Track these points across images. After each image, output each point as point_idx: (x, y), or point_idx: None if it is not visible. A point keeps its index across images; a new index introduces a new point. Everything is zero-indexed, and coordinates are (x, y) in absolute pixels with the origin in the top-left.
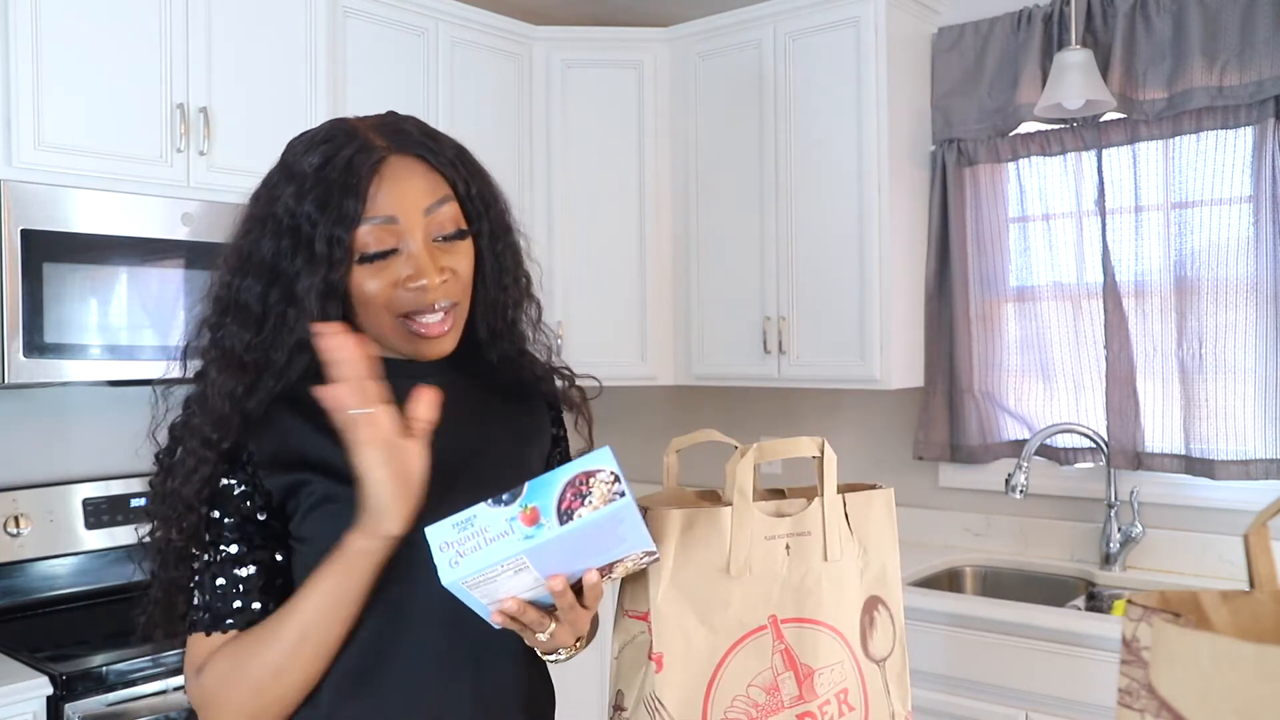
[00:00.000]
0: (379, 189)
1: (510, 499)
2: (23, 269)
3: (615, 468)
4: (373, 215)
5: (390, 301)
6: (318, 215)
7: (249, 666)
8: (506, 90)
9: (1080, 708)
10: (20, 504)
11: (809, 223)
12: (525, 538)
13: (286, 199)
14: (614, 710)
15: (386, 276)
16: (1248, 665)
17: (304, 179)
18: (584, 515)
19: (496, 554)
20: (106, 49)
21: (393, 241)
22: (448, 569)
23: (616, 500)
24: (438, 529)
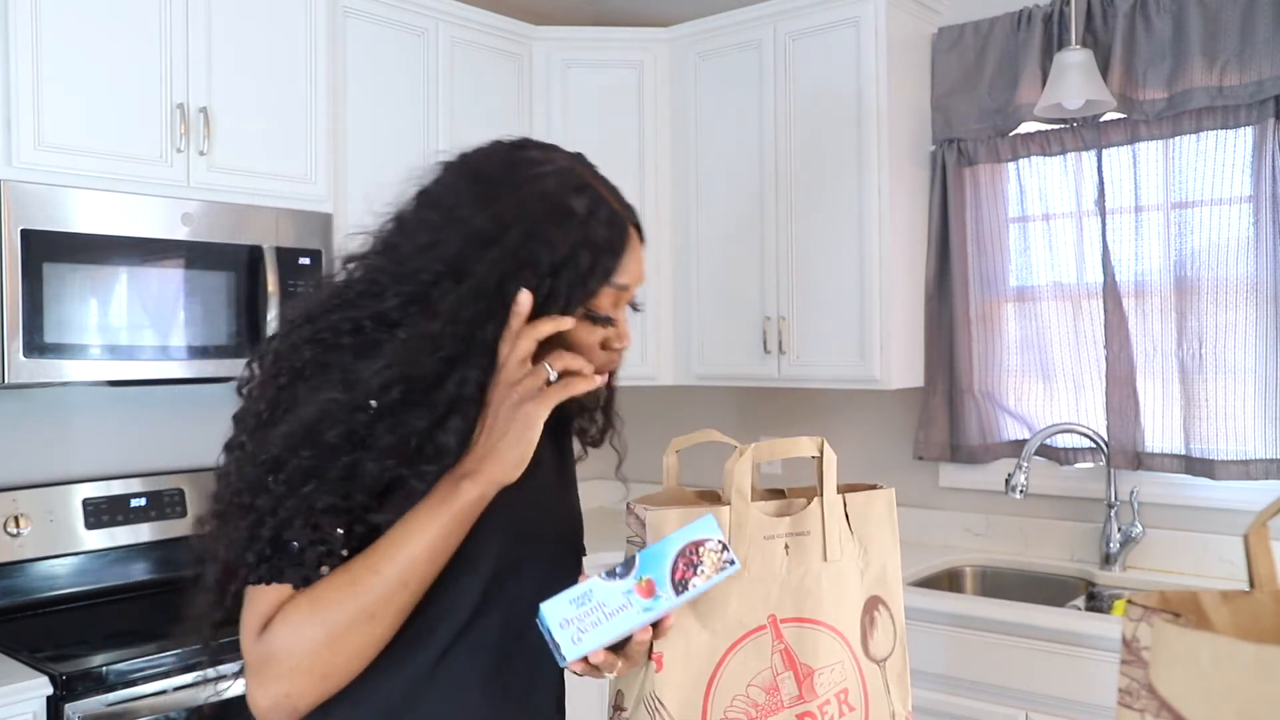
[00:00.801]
0: (629, 258)
1: (624, 571)
2: (23, 269)
3: (722, 535)
4: (621, 282)
5: (589, 359)
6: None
7: (332, 613)
8: (506, 90)
9: (1080, 708)
10: (20, 504)
11: (809, 223)
12: (644, 610)
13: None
14: (614, 710)
15: (598, 335)
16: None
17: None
18: (698, 585)
19: (618, 627)
20: (106, 49)
21: (613, 309)
22: (571, 645)
23: (727, 568)
24: (554, 606)
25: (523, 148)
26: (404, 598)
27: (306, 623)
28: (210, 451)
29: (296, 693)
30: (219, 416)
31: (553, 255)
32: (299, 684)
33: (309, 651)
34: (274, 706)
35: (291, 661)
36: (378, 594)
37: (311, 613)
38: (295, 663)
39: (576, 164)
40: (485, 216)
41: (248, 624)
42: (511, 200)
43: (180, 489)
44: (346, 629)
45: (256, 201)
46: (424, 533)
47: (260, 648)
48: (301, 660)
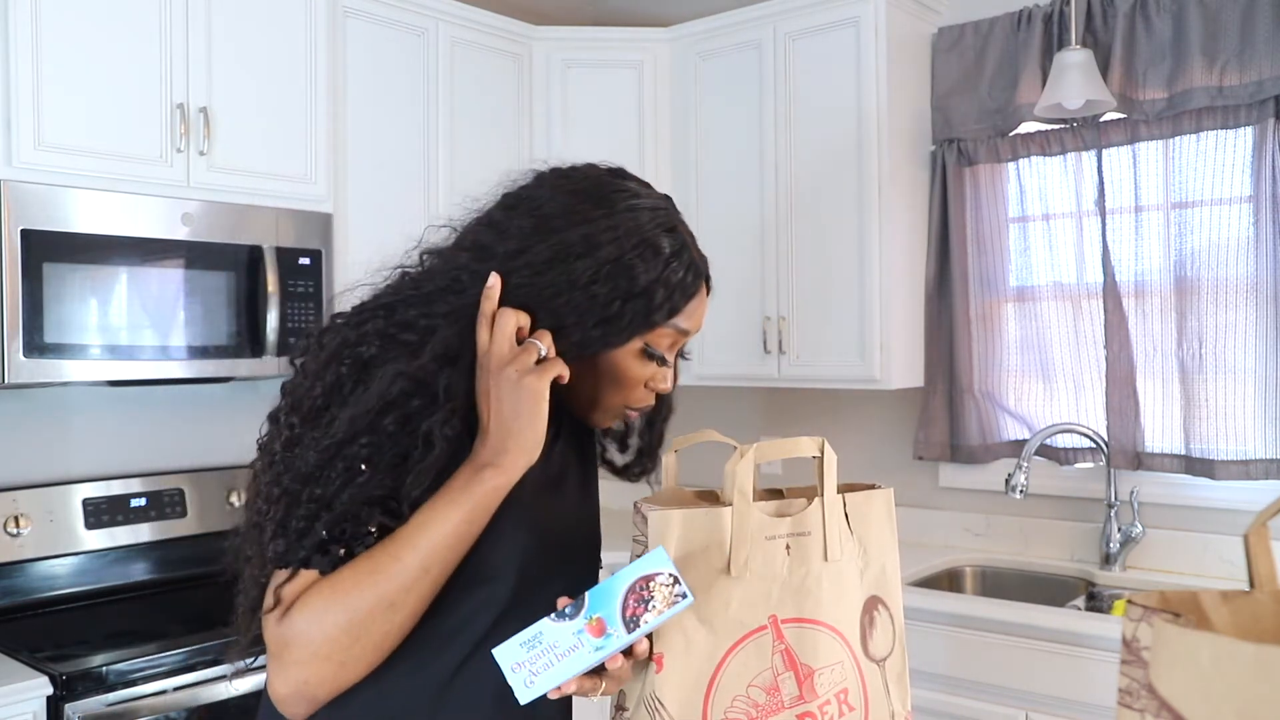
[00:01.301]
0: (696, 304)
1: (573, 612)
2: (23, 269)
3: (673, 569)
4: (683, 326)
5: (630, 392)
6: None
7: (353, 600)
8: (506, 90)
9: (1080, 708)
10: (20, 504)
11: (809, 223)
12: (595, 649)
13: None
14: (615, 710)
15: (646, 371)
16: (1248, 665)
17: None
18: (649, 620)
19: (570, 668)
20: (106, 49)
21: (671, 349)
22: (524, 689)
23: (679, 602)
24: (506, 650)
25: (621, 176)
26: (425, 585)
27: (327, 609)
28: (210, 451)
29: (315, 680)
30: (219, 416)
31: (631, 284)
32: (318, 671)
33: (329, 638)
34: (293, 694)
35: (311, 648)
36: (399, 582)
37: (332, 599)
38: (314, 649)
39: (668, 205)
40: (578, 234)
41: (270, 608)
42: (606, 223)
43: (180, 489)
44: (367, 616)
45: (256, 201)
46: (447, 520)
47: (280, 632)
48: (320, 647)
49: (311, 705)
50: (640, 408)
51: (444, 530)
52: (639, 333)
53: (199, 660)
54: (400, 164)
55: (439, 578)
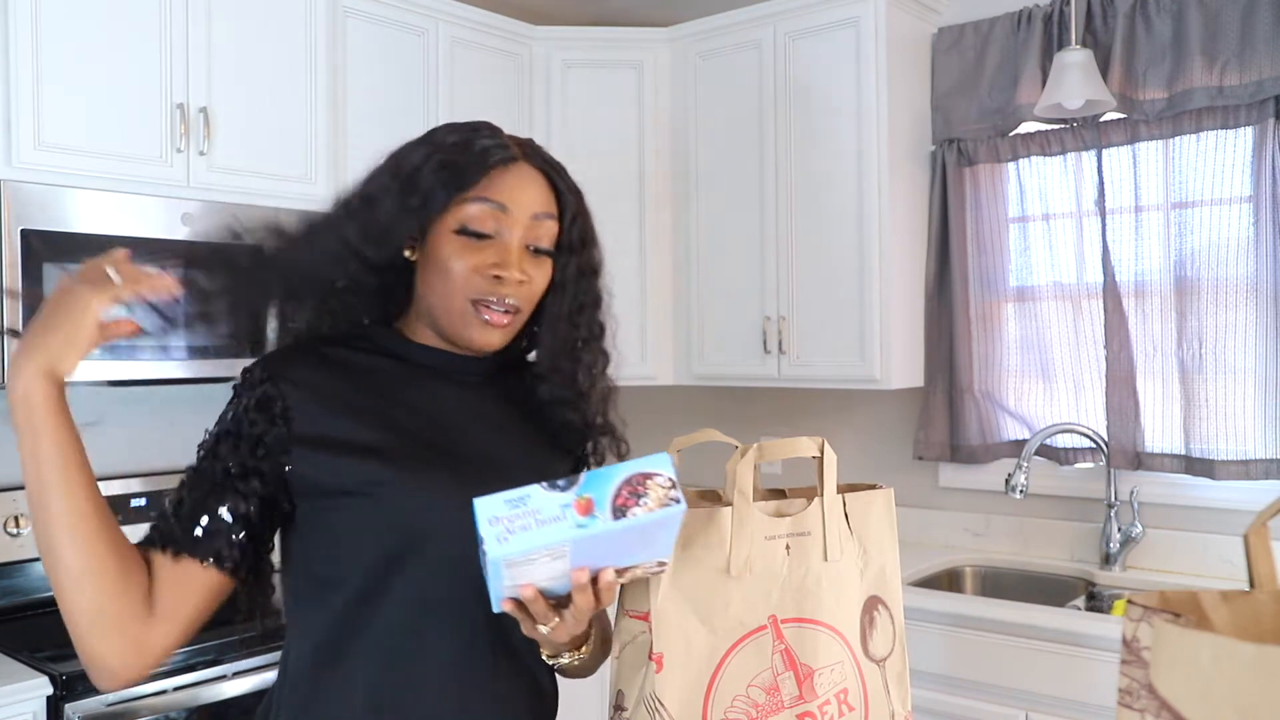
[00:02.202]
0: (503, 179)
1: (566, 485)
2: (23, 269)
3: (673, 474)
4: (488, 197)
5: (466, 283)
6: (432, 172)
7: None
8: (506, 90)
9: (1080, 708)
10: (20, 504)
11: (809, 223)
12: (577, 526)
13: (414, 157)
14: (614, 710)
15: (472, 258)
16: (1248, 665)
17: (438, 147)
18: (637, 515)
19: (546, 537)
20: (106, 49)
21: (493, 227)
22: (496, 544)
23: (671, 505)
24: (488, 502)
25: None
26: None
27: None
28: None
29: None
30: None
31: (418, 157)
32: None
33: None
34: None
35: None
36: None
37: None
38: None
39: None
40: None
41: None
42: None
43: None
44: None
45: (256, 201)
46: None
47: None
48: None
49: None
50: (485, 297)
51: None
52: (433, 202)
53: (199, 660)
54: None
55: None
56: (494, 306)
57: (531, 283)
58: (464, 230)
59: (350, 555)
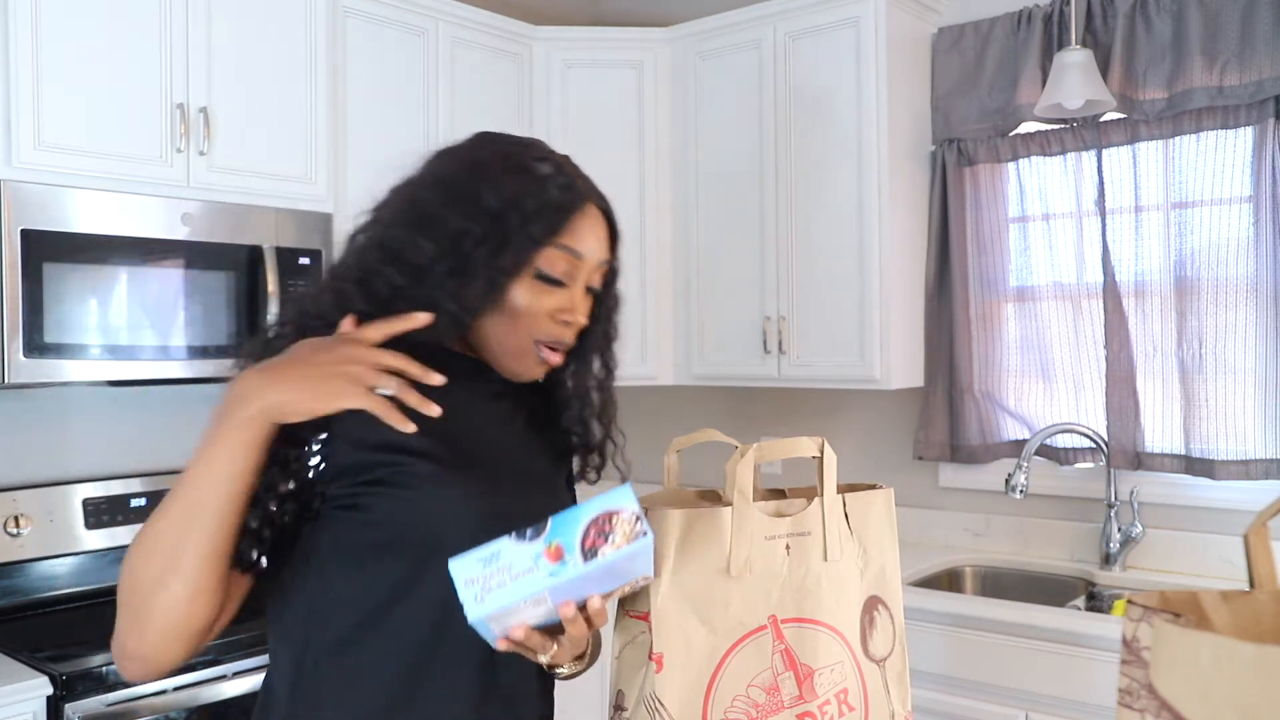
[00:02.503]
0: (582, 224)
1: (534, 534)
2: (23, 269)
3: (637, 507)
4: (570, 245)
5: (534, 324)
6: (522, 222)
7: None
8: (506, 90)
9: (1080, 708)
10: (20, 504)
11: (809, 223)
12: (550, 574)
13: (495, 190)
14: (614, 710)
15: (544, 302)
16: (1248, 665)
17: (529, 178)
18: (607, 554)
19: (522, 590)
20: (106, 49)
21: (565, 272)
22: (474, 604)
23: (639, 539)
24: (462, 563)
25: (508, 134)
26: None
27: (124, 561)
28: None
29: (122, 629)
30: None
31: (498, 198)
32: (120, 620)
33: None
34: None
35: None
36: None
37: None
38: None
39: (541, 143)
40: (452, 165)
41: None
42: (475, 155)
43: None
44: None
45: (256, 201)
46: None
47: None
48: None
49: (124, 658)
50: (551, 341)
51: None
52: (522, 252)
53: (199, 660)
54: (400, 164)
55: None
56: (555, 349)
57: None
58: (541, 276)
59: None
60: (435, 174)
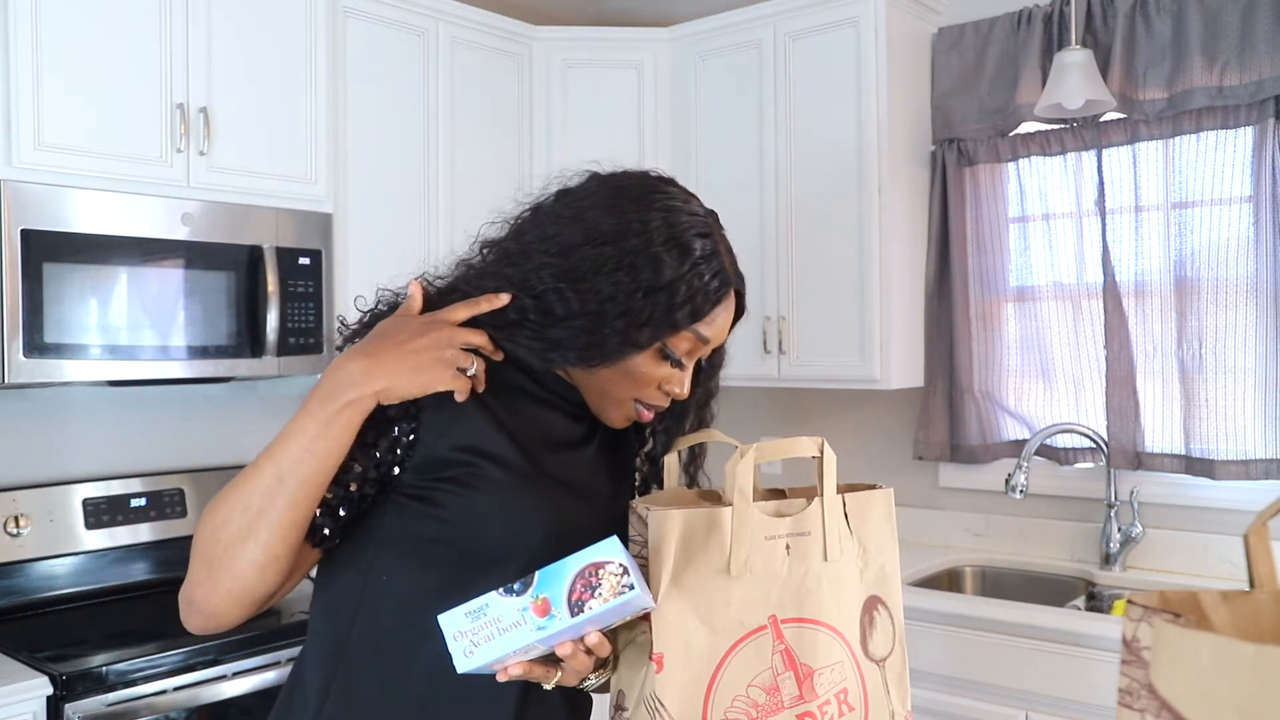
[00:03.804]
0: (721, 314)
1: (522, 589)
2: (23, 269)
3: (624, 559)
4: (703, 333)
5: (642, 389)
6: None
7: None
8: (506, 90)
9: (1080, 708)
10: (20, 504)
11: (809, 223)
12: (537, 628)
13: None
14: (614, 710)
15: (658, 372)
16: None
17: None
18: (594, 607)
19: (509, 644)
20: (106, 49)
21: (689, 354)
22: (463, 658)
23: (625, 593)
24: (451, 617)
25: (668, 183)
26: (282, 495)
27: (206, 511)
28: (210, 452)
29: (193, 579)
30: (219, 416)
31: (655, 277)
32: (194, 570)
33: (200, 536)
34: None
35: (193, 560)
36: (253, 484)
37: (212, 503)
38: (194, 548)
39: (710, 217)
40: (610, 221)
41: None
42: (638, 216)
43: (180, 489)
44: (225, 515)
45: (256, 201)
46: (299, 431)
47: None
48: (196, 545)
49: (190, 609)
50: (651, 405)
51: (296, 441)
52: (659, 332)
53: (199, 660)
54: (400, 164)
55: (297, 488)
56: (650, 412)
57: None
58: (665, 354)
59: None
60: (594, 227)
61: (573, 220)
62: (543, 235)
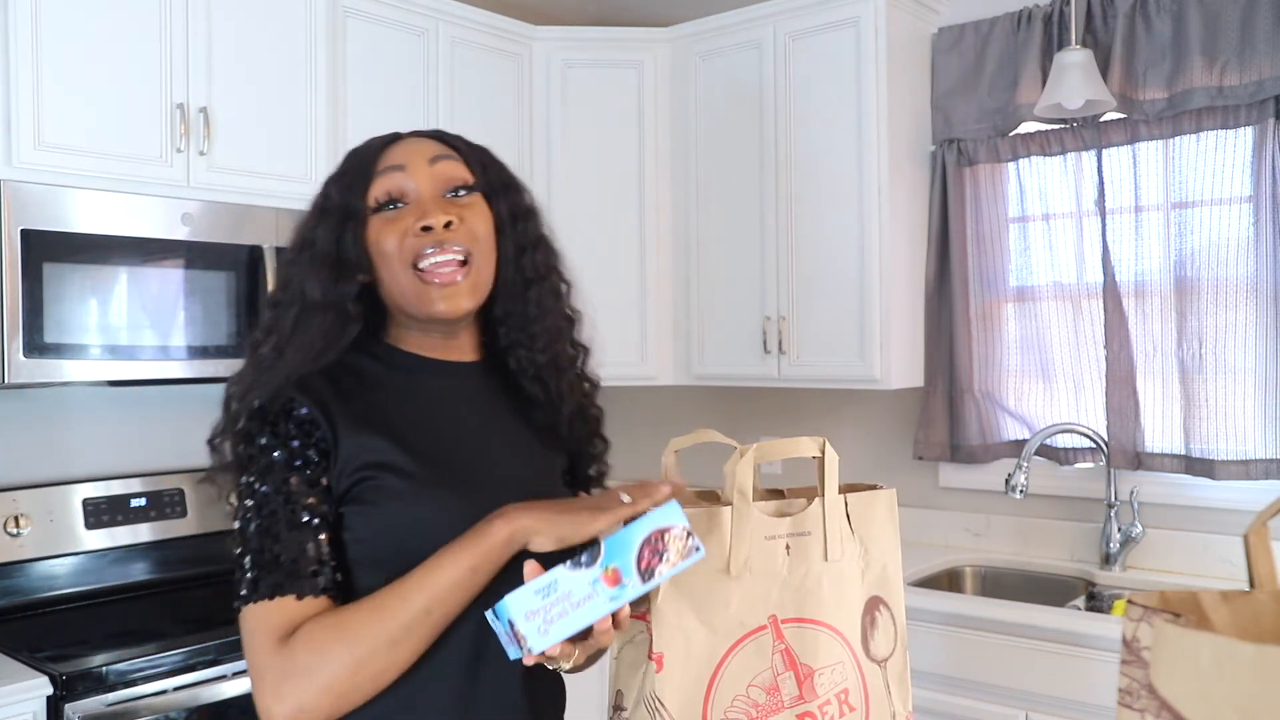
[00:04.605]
0: (393, 150)
1: (589, 560)
2: (23, 269)
3: (686, 523)
4: (381, 168)
5: (402, 251)
6: (335, 186)
7: (358, 634)
8: (506, 90)
9: (1080, 708)
10: (20, 504)
11: (809, 223)
12: (611, 599)
13: (327, 188)
14: (614, 710)
15: (398, 226)
16: (1248, 665)
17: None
18: (664, 572)
19: (585, 617)
20: (106, 49)
21: (399, 188)
22: (538, 637)
23: (694, 554)
24: (520, 597)
25: None
26: (426, 626)
27: (333, 645)
28: None
29: (312, 708)
30: None
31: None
32: (317, 701)
33: (332, 673)
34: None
35: (315, 681)
36: (401, 620)
37: (338, 636)
38: (318, 682)
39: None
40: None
41: (260, 637)
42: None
43: (180, 489)
44: (369, 653)
45: (256, 201)
46: (456, 565)
47: (282, 662)
48: (323, 680)
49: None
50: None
51: (451, 575)
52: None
53: (199, 660)
54: None
55: (441, 620)
56: (434, 258)
57: (464, 222)
58: (379, 208)
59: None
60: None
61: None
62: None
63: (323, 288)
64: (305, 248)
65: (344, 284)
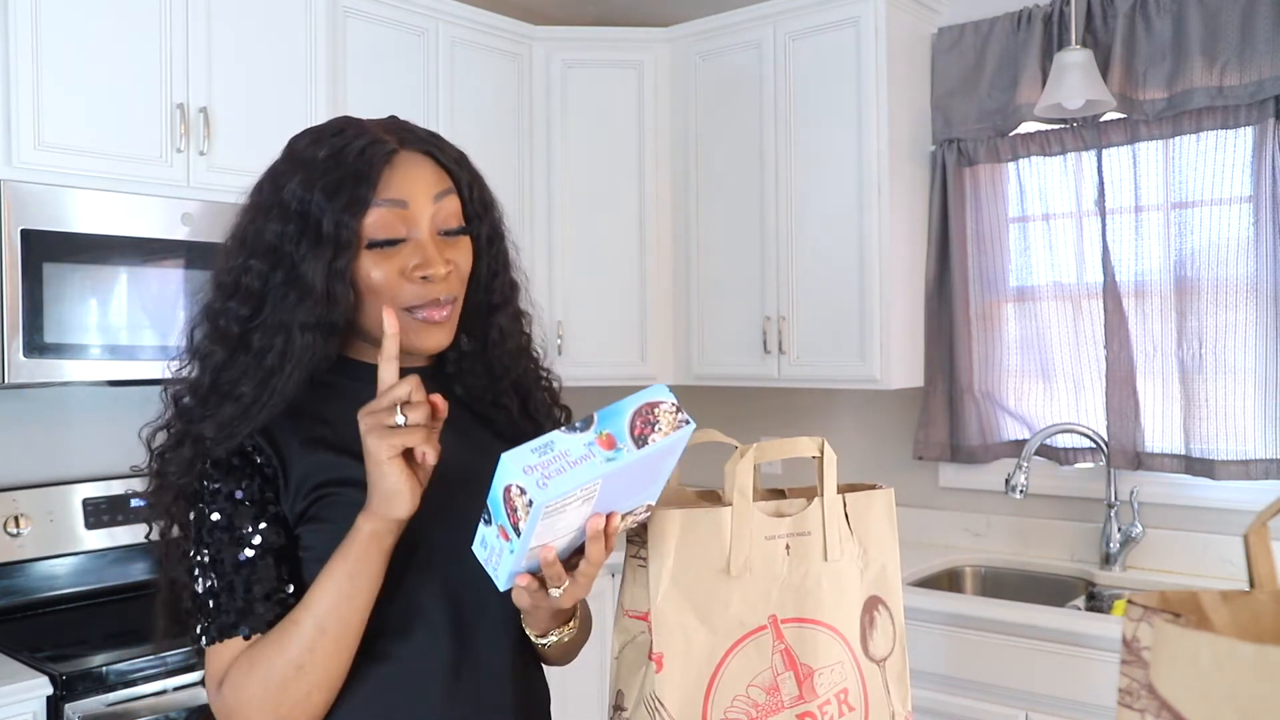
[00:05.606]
0: (391, 176)
1: (584, 426)
2: (23, 269)
3: (674, 399)
4: (383, 199)
5: (395, 294)
6: (326, 201)
7: (267, 668)
8: (506, 90)
9: (1080, 708)
10: (20, 504)
11: (809, 223)
12: (606, 460)
13: (294, 186)
14: (614, 710)
15: (393, 265)
16: (1248, 665)
17: (313, 166)
18: (657, 440)
19: (581, 476)
20: (106, 49)
21: (401, 229)
22: (537, 489)
23: (683, 427)
24: (517, 455)
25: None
26: (328, 643)
27: (246, 681)
28: None
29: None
30: None
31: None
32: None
33: (257, 708)
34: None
35: (248, 713)
36: (300, 644)
37: (249, 671)
38: (252, 713)
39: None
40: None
41: (208, 680)
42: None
43: None
44: (280, 682)
45: None
46: (331, 578)
47: (218, 704)
48: (253, 711)
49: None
50: (421, 305)
51: (329, 590)
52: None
53: (199, 660)
54: None
55: (340, 633)
56: (427, 304)
57: (458, 267)
58: (374, 243)
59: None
60: (247, 199)
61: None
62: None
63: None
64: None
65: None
